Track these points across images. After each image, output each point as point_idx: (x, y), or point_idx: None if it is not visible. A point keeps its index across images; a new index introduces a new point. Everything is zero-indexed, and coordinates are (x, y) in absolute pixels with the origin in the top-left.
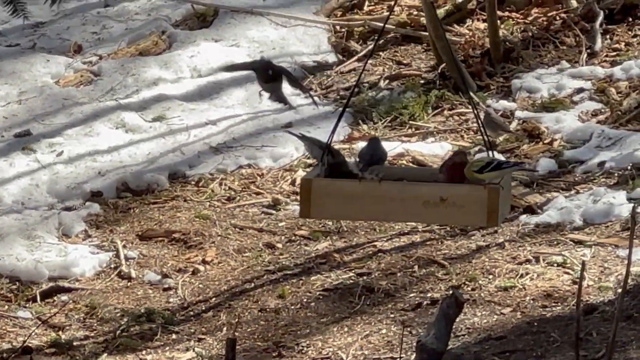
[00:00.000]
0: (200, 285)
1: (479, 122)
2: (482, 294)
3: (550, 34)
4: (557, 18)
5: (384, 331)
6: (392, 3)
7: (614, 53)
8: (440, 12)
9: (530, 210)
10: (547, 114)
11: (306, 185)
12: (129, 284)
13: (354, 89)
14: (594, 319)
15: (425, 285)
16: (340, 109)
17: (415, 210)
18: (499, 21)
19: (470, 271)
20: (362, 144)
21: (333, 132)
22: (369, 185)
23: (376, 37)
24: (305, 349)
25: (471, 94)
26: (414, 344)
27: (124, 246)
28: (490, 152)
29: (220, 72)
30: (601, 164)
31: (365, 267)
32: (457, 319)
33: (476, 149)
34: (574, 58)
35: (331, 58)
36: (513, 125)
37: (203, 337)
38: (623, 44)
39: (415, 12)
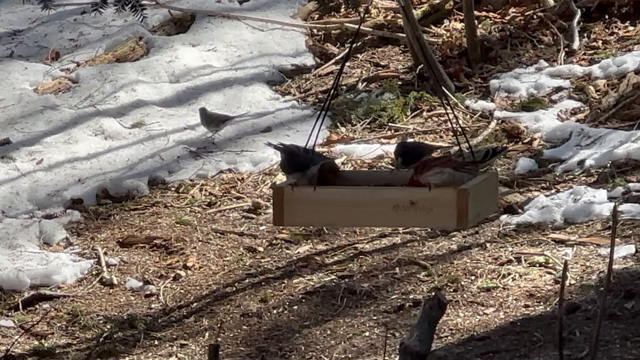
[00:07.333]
0: (182, 291)
1: (452, 123)
2: (464, 295)
3: (528, 32)
4: (535, 17)
5: (367, 334)
6: (365, 6)
7: (592, 51)
8: (417, 12)
9: (511, 210)
10: (526, 114)
11: (278, 194)
12: (110, 290)
13: (331, 92)
14: (576, 318)
15: (407, 287)
16: (319, 112)
17: (386, 215)
18: (476, 21)
19: (452, 272)
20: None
21: (310, 137)
22: (341, 191)
23: (352, 40)
24: (288, 353)
25: (447, 92)
26: (397, 346)
27: (105, 253)
28: (467, 149)
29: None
30: (581, 162)
31: (347, 270)
32: (440, 320)
33: (456, 148)
34: (552, 57)
35: (309, 61)
36: (492, 125)
37: (185, 342)
38: (600, 42)
39: (392, 14)
